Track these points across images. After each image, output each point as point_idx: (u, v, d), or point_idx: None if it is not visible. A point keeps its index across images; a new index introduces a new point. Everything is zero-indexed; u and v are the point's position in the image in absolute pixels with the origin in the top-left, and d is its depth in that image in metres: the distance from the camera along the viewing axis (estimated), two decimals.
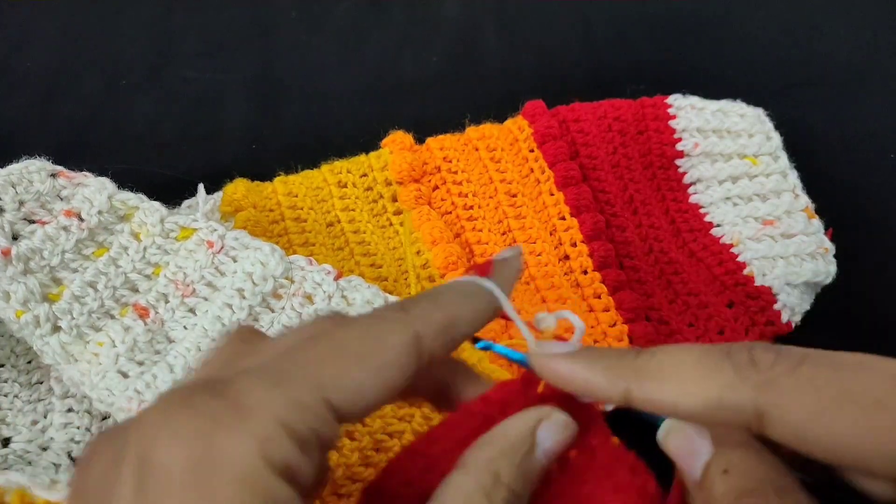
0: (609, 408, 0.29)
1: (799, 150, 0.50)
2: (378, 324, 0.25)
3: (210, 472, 0.20)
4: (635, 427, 0.33)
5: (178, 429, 0.21)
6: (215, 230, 0.40)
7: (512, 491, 0.24)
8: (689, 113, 0.50)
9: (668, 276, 0.47)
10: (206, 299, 0.40)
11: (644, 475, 0.26)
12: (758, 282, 0.45)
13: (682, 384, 0.25)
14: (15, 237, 0.38)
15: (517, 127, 0.50)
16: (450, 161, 0.50)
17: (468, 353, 0.39)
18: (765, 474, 0.25)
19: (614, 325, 0.45)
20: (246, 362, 0.24)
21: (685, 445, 0.27)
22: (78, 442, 0.39)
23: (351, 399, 0.23)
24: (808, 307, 0.46)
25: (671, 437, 0.27)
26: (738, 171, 0.49)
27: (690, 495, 0.27)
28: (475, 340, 0.31)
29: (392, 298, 0.40)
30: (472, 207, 0.49)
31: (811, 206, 0.48)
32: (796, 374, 0.24)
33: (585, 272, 0.46)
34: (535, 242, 0.47)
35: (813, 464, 0.26)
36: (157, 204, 0.41)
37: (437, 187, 0.49)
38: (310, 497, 0.23)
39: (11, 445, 0.39)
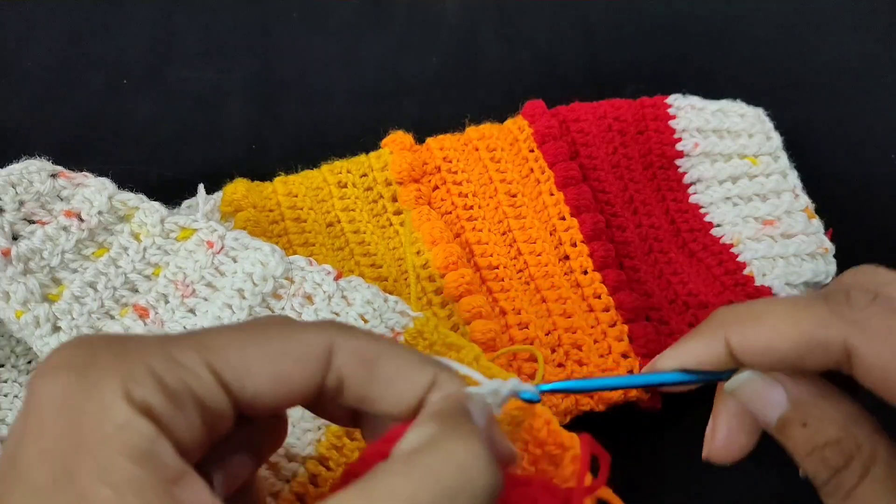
0: None
1: (799, 150, 0.50)
2: (302, 325, 0.26)
3: (77, 403, 0.21)
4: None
5: (62, 363, 0.22)
6: (215, 230, 0.40)
7: None
8: (689, 113, 0.50)
9: (667, 276, 0.47)
10: (206, 300, 0.40)
11: None
12: (758, 282, 0.45)
13: (776, 323, 0.26)
14: (15, 237, 0.38)
15: (517, 127, 0.50)
16: (450, 161, 0.50)
17: (466, 351, 0.39)
18: (843, 424, 0.26)
19: (614, 325, 0.45)
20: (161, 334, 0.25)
21: (760, 395, 0.28)
22: None
23: (238, 375, 0.23)
24: None
25: (745, 387, 0.28)
26: (738, 171, 0.49)
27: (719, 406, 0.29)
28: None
29: (392, 298, 0.40)
30: (472, 207, 0.49)
31: (811, 206, 0.48)
32: (891, 318, 0.24)
33: (585, 272, 0.46)
34: (535, 242, 0.47)
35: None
36: (157, 204, 0.41)
37: (437, 187, 0.49)
38: (198, 454, 0.23)
39: None
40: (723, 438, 0.29)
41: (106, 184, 0.40)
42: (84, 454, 0.21)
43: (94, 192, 0.40)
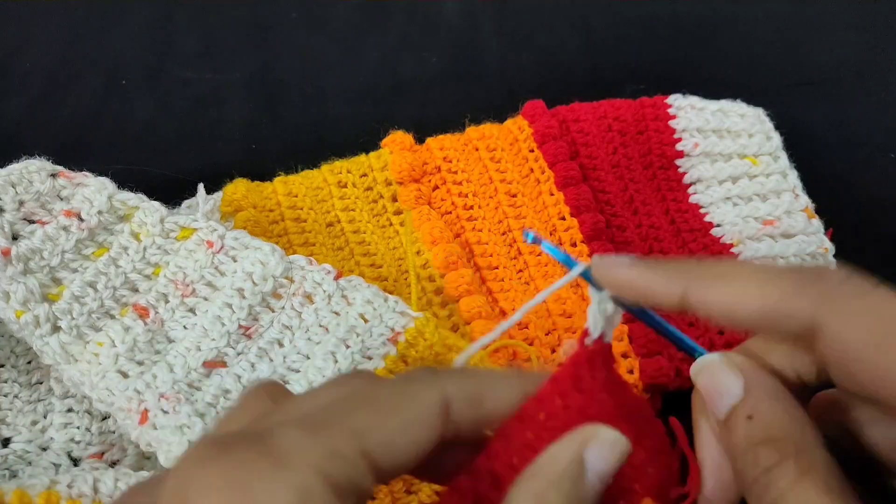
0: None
1: (799, 150, 0.50)
2: (409, 382, 0.25)
3: None
4: None
5: (214, 478, 0.20)
6: (215, 230, 0.40)
7: None
8: (689, 113, 0.50)
9: None
10: (205, 299, 0.40)
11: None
12: None
13: (741, 287, 0.25)
14: (15, 237, 0.38)
15: (517, 127, 0.50)
16: (450, 161, 0.50)
17: (453, 338, 0.39)
18: (788, 427, 0.25)
19: None
20: (279, 417, 0.24)
21: (715, 383, 0.27)
22: (78, 442, 0.39)
23: (386, 451, 0.23)
24: None
25: (703, 373, 0.27)
26: (738, 171, 0.49)
27: (701, 436, 0.27)
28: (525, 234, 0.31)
29: (392, 298, 0.40)
30: (472, 207, 0.49)
31: (811, 206, 0.48)
32: (865, 297, 0.23)
33: None
34: None
35: (837, 424, 0.26)
36: (157, 204, 0.41)
37: (437, 187, 0.49)
38: None
39: (11, 445, 0.39)
40: (714, 482, 0.27)
41: (106, 184, 0.40)
42: None
43: (94, 191, 0.40)
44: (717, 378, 0.27)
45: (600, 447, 0.25)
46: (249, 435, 0.22)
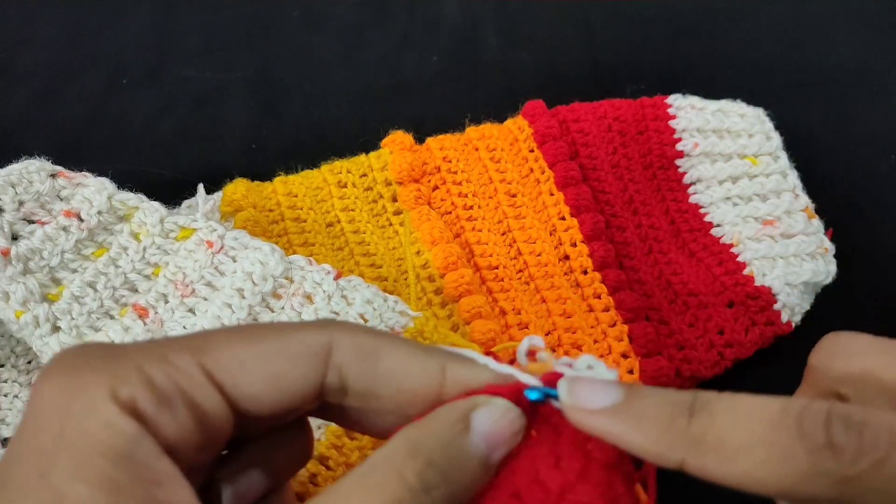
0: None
1: (799, 150, 0.50)
2: (299, 324, 0.25)
3: (65, 403, 0.22)
4: None
5: (59, 370, 0.23)
6: (215, 230, 0.40)
7: (435, 467, 0.22)
8: (689, 113, 0.50)
9: (667, 276, 0.47)
10: (205, 299, 0.40)
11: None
12: (758, 282, 0.45)
13: (748, 464, 0.22)
14: (14, 237, 0.38)
15: (517, 127, 0.50)
16: (450, 161, 0.50)
17: (453, 338, 0.39)
18: None
19: (614, 325, 0.45)
20: None
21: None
22: None
23: (231, 374, 0.23)
24: (808, 307, 0.46)
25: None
26: (738, 171, 0.49)
27: None
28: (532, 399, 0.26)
29: (391, 298, 0.40)
30: (472, 207, 0.49)
31: (811, 206, 0.48)
32: (883, 473, 0.21)
33: (585, 272, 0.46)
34: (535, 242, 0.47)
35: None
36: (156, 204, 0.41)
37: (436, 187, 0.49)
38: (195, 458, 0.23)
39: None
40: None
41: (105, 184, 0.40)
42: (64, 452, 0.21)
43: (93, 191, 0.40)
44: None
45: (489, 410, 0.24)
46: (108, 343, 0.25)
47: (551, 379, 0.25)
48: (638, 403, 0.23)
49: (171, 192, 0.45)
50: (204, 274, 0.40)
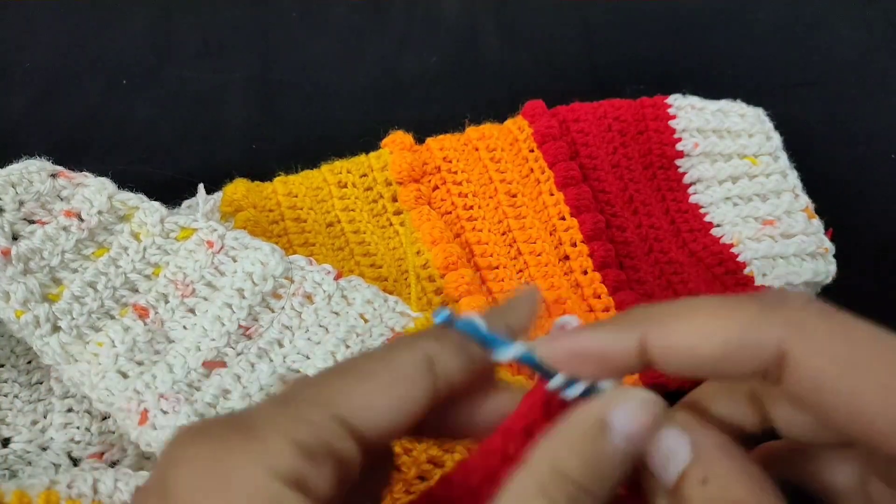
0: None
1: (799, 150, 0.50)
2: (388, 349, 0.25)
3: (223, 491, 0.21)
4: None
5: (193, 454, 0.22)
6: (215, 230, 0.40)
7: (579, 485, 0.22)
8: (689, 113, 0.50)
9: (668, 276, 0.47)
10: (205, 299, 0.40)
11: None
12: (758, 282, 0.45)
13: (701, 322, 0.23)
14: (15, 237, 0.38)
15: (517, 127, 0.50)
16: (450, 161, 0.50)
17: None
18: (747, 488, 0.23)
19: None
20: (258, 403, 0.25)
21: (661, 446, 0.23)
22: (78, 442, 0.39)
23: (365, 413, 0.23)
24: None
25: (655, 439, 0.24)
26: (738, 171, 0.49)
27: (655, 500, 0.24)
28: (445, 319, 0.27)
29: (392, 298, 0.40)
30: (472, 207, 0.49)
31: (811, 206, 0.48)
32: (831, 320, 0.22)
33: (585, 272, 0.46)
34: (535, 242, 0.47)
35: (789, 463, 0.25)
36: (156, 204, 0.41)
37: (437, 187, 0.49)
38: None
39: (11, 445, 0.39)
40: None
41: (106, 184, 0.40)
42: None
43: (93, 191, 0.40)
44: (660, 440, 0.23)
45: (627, 405, 0.23)
46: (225, 416, 0.24)
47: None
48: (594, 322, 0.25)
49: (171, 192, 0.45)
50: (204, 274, 0.40)
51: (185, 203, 0.46)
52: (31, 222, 0.39)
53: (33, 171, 0.39)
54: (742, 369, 0.22)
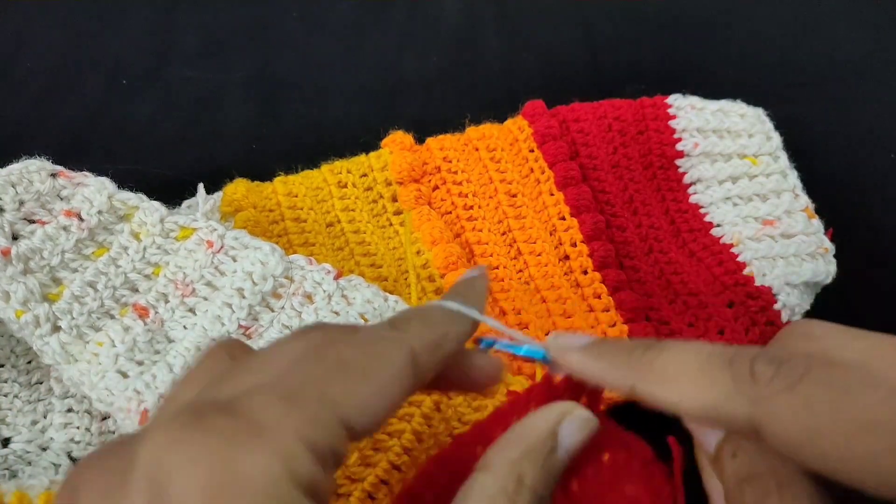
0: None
1: (799, 150, 0.50)
2: (376, 342, 0.26)
3: (234, 494, 0.20)
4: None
5: (194, 451, 0.20)
6: (215, 230, 0.40)
7: (535, 493, 0.25)
8: (689, 113, 0.50)
9: (667, 276, 0.47)
10: (205, 299, 0.40)
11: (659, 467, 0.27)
12: (758, 282, 0.45)
13: (683, 388, 0.26)
14: (15, 237, 0.38)
15: (517, 127, 0.50)
16: (450, 161, 0.50)
17: None
18: (768, 463, 0.26)
19: (614, 325, 0.45)
20: (245, 380, 0.23)
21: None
22: (78, 442, 0.39)
23: (361, 416, 0.23)
24: (808, 307, 0.46)
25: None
26: (738, 171, 0.49)
27: (704, 468, 0.29)
28: (478, 342, 0.31)
29: (392, 298, 0.40)
30: (472, 207, 0.49)
31: (811, 206, 0.48)
32: (793, 393, 0.24)
33: (585, 272, 0.46)
34: (535, 242, 0.47)
35: None
36: (156, 204, 0.41)
37: (437, 187, 0.49)
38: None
39: (11, 445, 0.39)
40: None
41: (106, 183, 0.40)
42: None
43: (93, 191, 0.40)
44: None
45: (573, 423, 0.27)
46: (222, 403, 0.22)
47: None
48: (605, 344, 0.28)
49: (171, 192, 0.45)
50: (204, 273, 0.40)
51: (185, 203, 0.46)
52: (31, 222, 0.39)
53: (33, 171, 0.39)
54: (722, 428, 0.26)
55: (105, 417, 0.40)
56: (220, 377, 0.24)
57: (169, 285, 0.40)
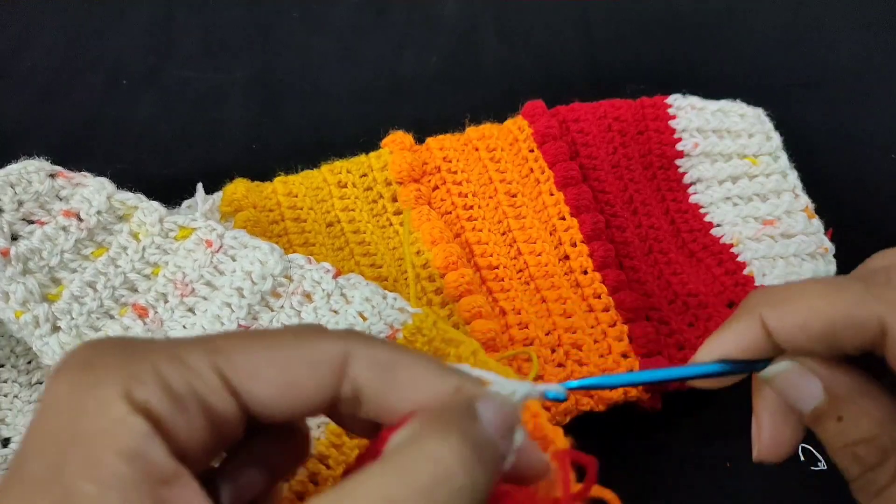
0: None
1: (799, 150, 0.50)
2: (313, 330, 0.25)
3: (78, 400, 0.22)
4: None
5: (76, 362, 0.23)
6: (214, 229, 0.40)
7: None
8: (689, 113, 0.50)
9: (667, 276, 0.47)
10: (205, 299, 0.40)
11: None
12: (758, 282, 0.45)
13: (811, 302, 0.26)
14: (14, 237, 0.38)
15: (517, 127, 0.50)
16: (450, 161, 0.50)
17: (465, 346, 0.39)
18: (880, 423, 0.26)
19: (614, 325, 0.45)
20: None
21: (795, 386, 0.27)
22: None
23: (245, 379, 0.23)
24: None
25: (780, 377, 0.28)
26: (738, 171, 0.49)
27: (762, 392, 0.29)
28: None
29: (391, 295, 0.40)
30: (472, 207, 0.49)
31: (811, 206, 0.48)
32: None
33: (585, 272, 0.46)
34: (535, 242, 0.47)
35: None
36: (156, 204, 0.41)
37: (437, 187, 0.49)
38: (203, 459, 0.23)
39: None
40: (769, 437, 0.29)
41: (105, 183, 0.40)
42: (76, 450, 0.21)
43: (92, 191, 0.40)
44: (792, 382, 0.27)
45: (489, 401, 0.24)
46: (126, 339, 0.24)
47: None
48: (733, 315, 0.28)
49: (171, 192, 0.45)
50: (203, 273, 0.40)
51: (185, 203, 0.46)
52: (30, 222, 0.39)
53: (32, 172, 0.39)
54: (851, 343, 0.26)
55: None
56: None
57: (168, 285, 0.40)
